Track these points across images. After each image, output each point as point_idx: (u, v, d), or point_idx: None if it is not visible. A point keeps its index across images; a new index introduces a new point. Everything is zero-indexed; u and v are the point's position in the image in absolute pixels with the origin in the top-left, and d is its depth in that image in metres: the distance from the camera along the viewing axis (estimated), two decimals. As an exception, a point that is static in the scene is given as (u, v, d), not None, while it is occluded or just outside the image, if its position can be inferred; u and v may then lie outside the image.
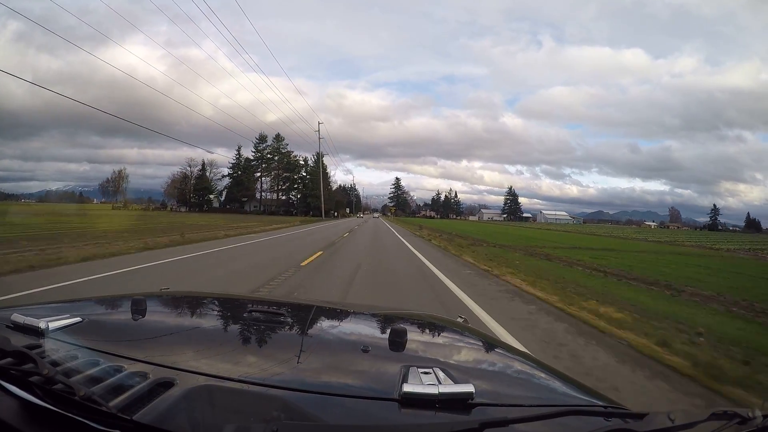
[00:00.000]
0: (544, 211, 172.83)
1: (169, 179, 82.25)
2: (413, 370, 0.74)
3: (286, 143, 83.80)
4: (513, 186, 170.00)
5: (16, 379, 0.61)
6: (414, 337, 1.12)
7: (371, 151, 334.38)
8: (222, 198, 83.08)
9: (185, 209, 76.45)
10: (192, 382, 0.67)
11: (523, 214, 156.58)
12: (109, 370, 0.66)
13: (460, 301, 5.85)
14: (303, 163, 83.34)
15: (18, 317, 0.82)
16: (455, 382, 0.71)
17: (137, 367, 0.70)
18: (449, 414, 0.63)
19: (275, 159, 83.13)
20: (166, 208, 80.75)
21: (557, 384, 0.93)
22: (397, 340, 0.97)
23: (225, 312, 1.39)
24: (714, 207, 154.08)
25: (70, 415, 0.57)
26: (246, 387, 0.69)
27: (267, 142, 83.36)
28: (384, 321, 1.35)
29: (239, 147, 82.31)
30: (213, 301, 1.54)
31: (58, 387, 0.57)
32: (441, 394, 0.64)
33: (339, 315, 1.41)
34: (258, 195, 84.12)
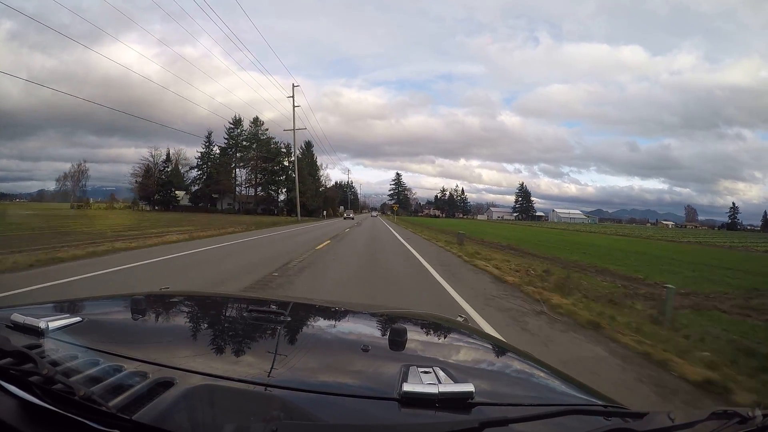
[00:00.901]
0: (556, 210, 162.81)
1: (132, 173, 68.98)
2: (413, 369, 0.75)
3: (265, 129, 68.09)
4: (524, 183, 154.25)
5: (15, 379, 0.61)
6: (414, 337, 1.12)
7: (369, 150, 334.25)
8: (197, 194, 69.19)
9: (149, 207, 65.95)
10: (192, 381, 0.67)
11: (536, 212, 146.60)
12: (109, 369, 0.66)
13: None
14: (285, 152, 66.56)
15: (18, 317, 0.82)
16: (455, 381, 0.71)
17: (137, 367, 0.70)
18: (449, 413, 0.63)
19: (253, 147, 67.28)
20: (138, 206, 68.22)
21: (557, 383, 0.93)
22: (397, 339, 0.97)
23: (225, 311, 1.39)
24: (733, 205, 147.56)
25: (69, 415, 0.57)
26: (246, 387, 0.69)
27: (243, 126, 68.43)
28: (384, 320, 1.35)
29: (209, 134, 66.91)
30: (213, 301, 1.53)
31: (57, 387, 0.57)
32: (441, 393, 0.64)
33: (339, 314, 1.41)
34: (236, 190, 70.98)
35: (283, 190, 68.85)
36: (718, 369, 3.28)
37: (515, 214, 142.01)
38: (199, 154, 68.60)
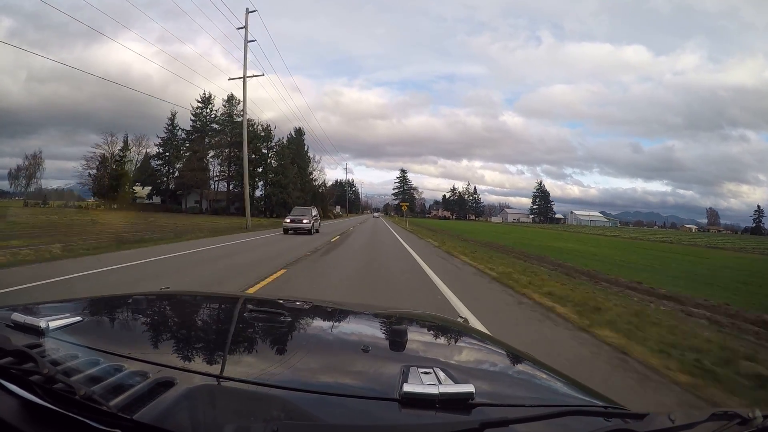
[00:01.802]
0: (575, 212, 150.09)
1: (84, 163, 49.48)
2: (413, 370, 0.74)
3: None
4: (542, 182, 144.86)
5: (16, 379, 0.61)
6: (414, 337, 1.12)
7: (371, 150, 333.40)
8: (170, 188, 54.00)
9: (102, 205, 47.56)
10: (192, 381, 0.67)
11: (556, 214, 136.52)
12: (110, 369, 0.66)
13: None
14: (264, 135, 51.05)
15: (18, 316, 0.82)
16: (455, 382, 0.71)
17: (137, 367, 0.70)
18: (449, 414, 0.63)
19: (227, 131, 50.64)
20: (86, 204, 51.40)
21: (557, 384, 0.93)
22: (398, 339, 0.97)
23: (226, 311, 1.39)
24: (758, 208, 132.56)
25: (70, 415, 0.57)
26: (246, 387, 0.69)
27: (214, 105, 51.86)
28: (384, 321, 1.35)
29: (173, 114, 51.03)
30: (213, 301, 1.54)
31: (58, 386, 0.57)
32: (441, 394, 0.64)
33: (339, 315, 1.41)
34: (211, 184, 54.59)
35: (261, 184, 52.66)
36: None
37: (532, 216, 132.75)
38: (160, 140, 52.02)
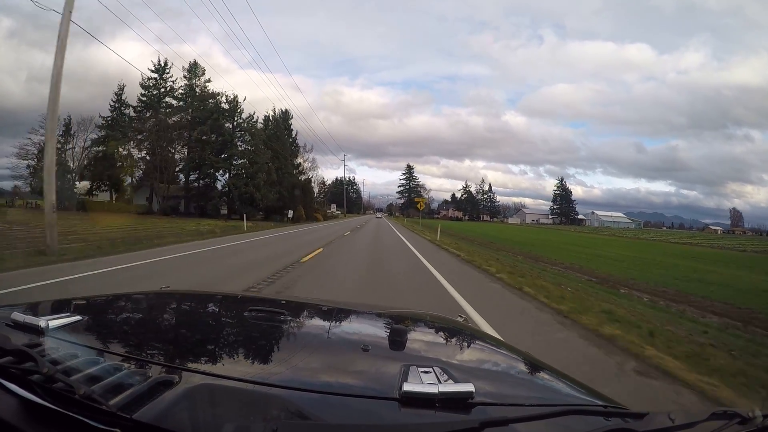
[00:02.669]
0: (597, 212, 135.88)
1: (18, 152, 36.16)
2: (413, 369, 0.74)
3: (208, 79, 39.36)
4: (564, 180, 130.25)
5: (16, 378, 0.61)
6: (414, 337, 1.12)
7: (373, 150, 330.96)
8: (132, 181, 41.22)
9: (32, 203, 35.41)
10: (192, 380, 0.67)
11: (578, 215, 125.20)
12: (109, 368, 0.66)
13: None
14: (227, 108, 37.54)
15: (18, 315, 0.82)
16: (455, 381, 0.71)
17: (137, 366, 0.70)
18: (449, 413, 0.63)
19: (190, 108, 38.09)
20: (22, 202, 38.60)
21: (557, 383, 0.93)
22: (398, 339, 0.97)
23: (225, 311, 1.39)
24: None
25: (70, 414, 0.57)
26: (246, 386, 0.69)
27: (171, 75, 39.25)
28: (384, 320, 1.35)
29: (121, 88, 38.92)
30: (213, 300, 1.54)
31: (58, 385, 0.57)
32: (441, 393, 0.64)
33: (339, 314, 1.41)
34: (173, 175, 39.70)
35: (225, 175, 38.70)
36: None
37: (552, 216, 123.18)
38: (103, 121, 38.05)
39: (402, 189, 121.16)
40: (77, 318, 0.92)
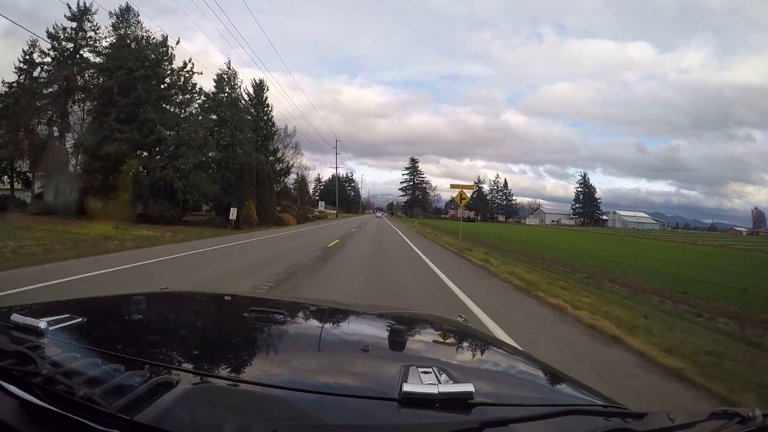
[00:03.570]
0: (620, 212, 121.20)
1: None
2: (413, 369, 0.74)
3: (147, 31, 23.39)
4: (587, 176, 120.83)
5: (16, 380, 0.61)
6: (414, 337, 1.12)
7: (372, 150, 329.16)
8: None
9: None
10: (192, 382, 0.67)
11: (603, 216, 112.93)
12: (109, 370, 0.66)
13: None
14: (165, 49, 22.40)
15: (18, 317, 0.82)
16: (455, 381, 0.71)
17: (137, 367, 0.70)
18: (449, 414, 0.63)
19: (121, 66, 20.56)
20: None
21: (557, 383, 0.93)
22: (397, 339, 0.97)
23: (225, 311, 1.40)
24: None
25: (70, 416, 0.57)
26: (246, 387, 0.69)
27: (94, 21, 23.32)
28: (384, 320, 1.35)
29: (32, 43, 21.97)
30: (213, 301, 1.54)
31: (58, 387, 0.57)
32: (441, 393, 0.64)
33: (339, 314, 1.41)
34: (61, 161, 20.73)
35: (158, 155, 21.81)
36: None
37: (574, 216, 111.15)
38: (6, 88, 22.26)
39: (405, 186, 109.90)
40: (77, 319, 0.92)
